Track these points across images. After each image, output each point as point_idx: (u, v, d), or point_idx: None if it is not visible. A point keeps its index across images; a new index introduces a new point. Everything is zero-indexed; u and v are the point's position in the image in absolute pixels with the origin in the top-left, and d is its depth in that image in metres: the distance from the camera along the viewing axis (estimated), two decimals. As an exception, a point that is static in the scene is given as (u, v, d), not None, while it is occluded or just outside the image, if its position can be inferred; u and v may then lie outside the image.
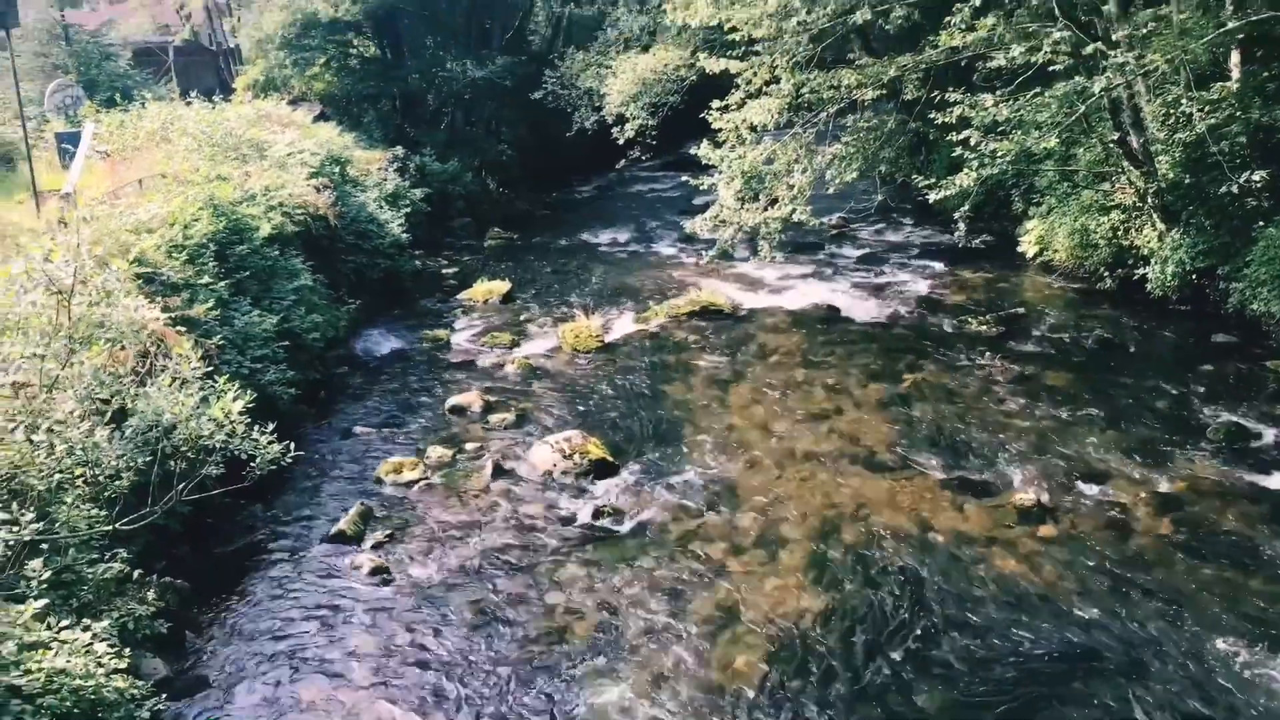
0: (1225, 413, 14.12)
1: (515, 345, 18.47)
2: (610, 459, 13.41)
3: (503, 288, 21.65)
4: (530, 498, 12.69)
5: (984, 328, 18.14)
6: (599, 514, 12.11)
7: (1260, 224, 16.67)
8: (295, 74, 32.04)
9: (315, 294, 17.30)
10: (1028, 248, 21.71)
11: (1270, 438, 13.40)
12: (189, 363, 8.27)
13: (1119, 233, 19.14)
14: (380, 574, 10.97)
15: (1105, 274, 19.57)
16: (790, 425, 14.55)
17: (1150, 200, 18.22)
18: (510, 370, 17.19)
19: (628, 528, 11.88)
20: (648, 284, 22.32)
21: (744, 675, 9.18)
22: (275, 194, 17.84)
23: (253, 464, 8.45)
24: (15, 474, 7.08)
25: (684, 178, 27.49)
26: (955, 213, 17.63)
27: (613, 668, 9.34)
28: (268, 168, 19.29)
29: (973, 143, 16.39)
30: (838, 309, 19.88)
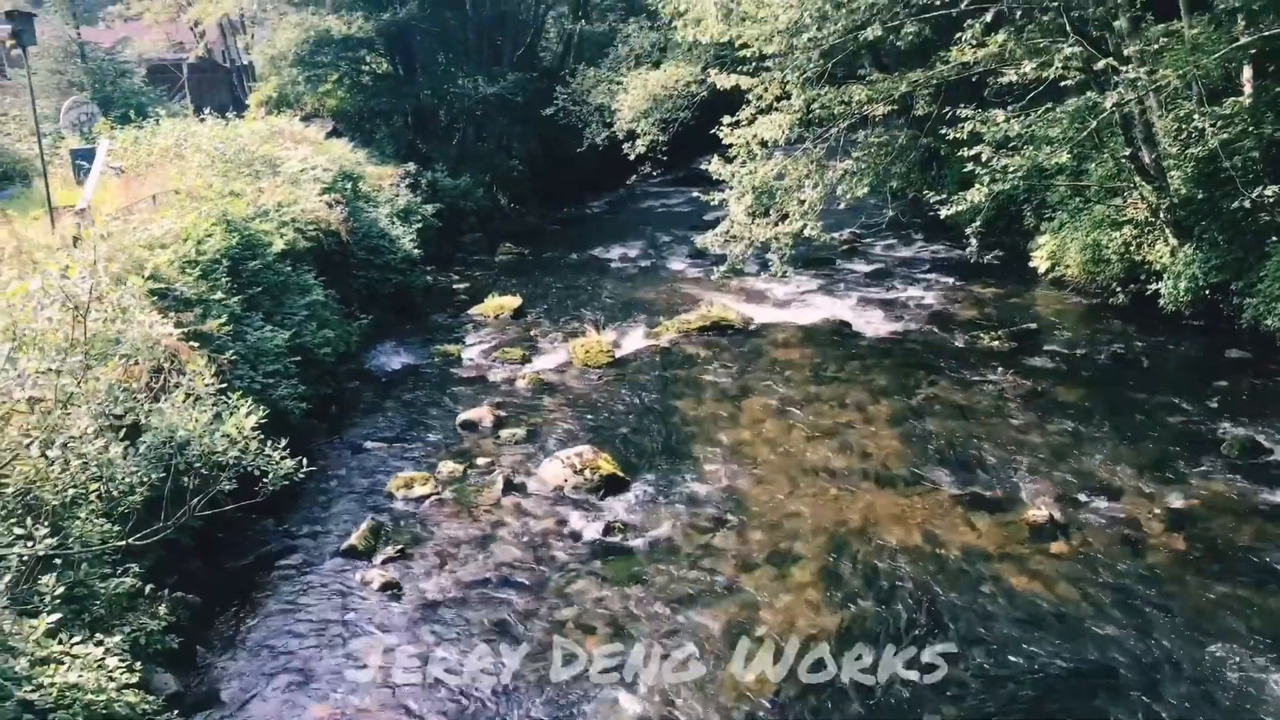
0: (1239, 428, 14.04)
1: (526, 360, 18.50)
2: (621, 474, 13.39)
3: (514, 303, 21.70)
4: (541, 513, 12.68)
5: (996, 343, 18.09)
6: (610, 530, 12.09)
7: (1273, 239, 16.62)
8: (308, 90, 32.30)
9: (327, 309, 17.38)
10: (1039, 263, 21.68)
11: (1285, 454, 13.33)
12: (203, 379, 8.30)
13: (1131, 248, 19.10)
14: (391, 589, 10.96)
15: (1117, 289, 19.51)
16: (801, 440, 14.52)
17: (1162, 215, 18.18)
18: (521, 385, 17.21)
19: (639, 543, 11.86)
20: (658, 299, 22.34)
21: (756, 692, 9.13)
22: (288, 210, 17.95)
23: (265, 480, 8.46)
24: (30, 489, 7.12)
25: (695, 193, 27.58)
26: (967, 228, 17.64)
27: (624, 684, 9.30)
28: (280, 184, 19.41)
29: (984, 158, 16.39)
30: (849, 324, 19.87)
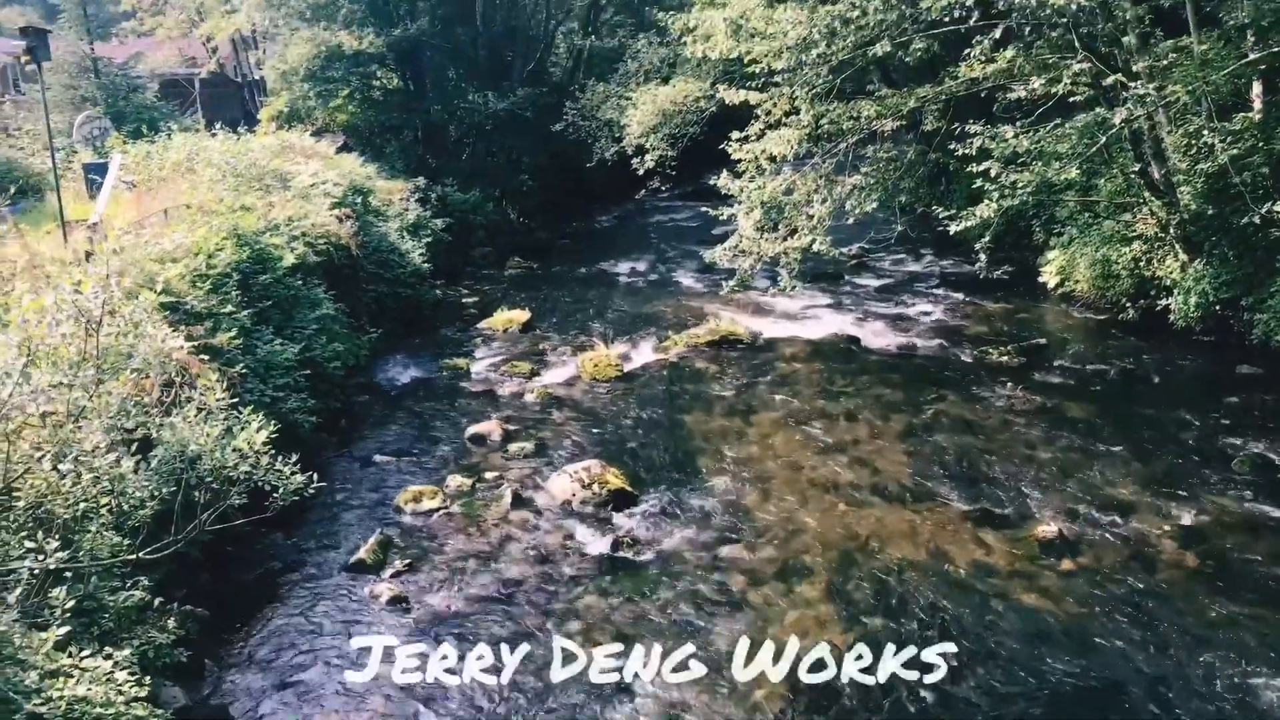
0: (1250, 444, 13.98)
1: (535, 374, 18.52)
2: (629, 489, 13.39)
3: (522, 317, 21.73)
4: (549, 528, 12.68)
5: (1005, 358, 18.06)
6: (618, 545, 12.08)
7: (1284, 255, 16.59)
8: (319, 105, 32.49)
9: (337, 323, 17.44)
10: (1049, 278, 21.66)
11: (1297, 470, 13.26)
12: (214, 394, 8.32)
13: (1141, 263, 19.07)
14: (399, 603, 10.97)
15: (1127, 305, 19.47)
16: (810, 456, 14.50)
17: (1172, 231, 18.16)
18: (530, 399, 17.23)
19: (647, 558, 11.84)
20: (667, 313, 22.37)
21: (765, 709, 9.09)
22: (298, 224, 18.04)
23: (275, 494, 8.48)
24: (42, 503, 7.14)
25: (703, 208, 27.62)
26: (976, 243, 17.62)
27: (632, 701, 9.28)
28: (291, 198, 19.51)
29: (993, 174, 16.40)
30: (858, 339, 19.86)
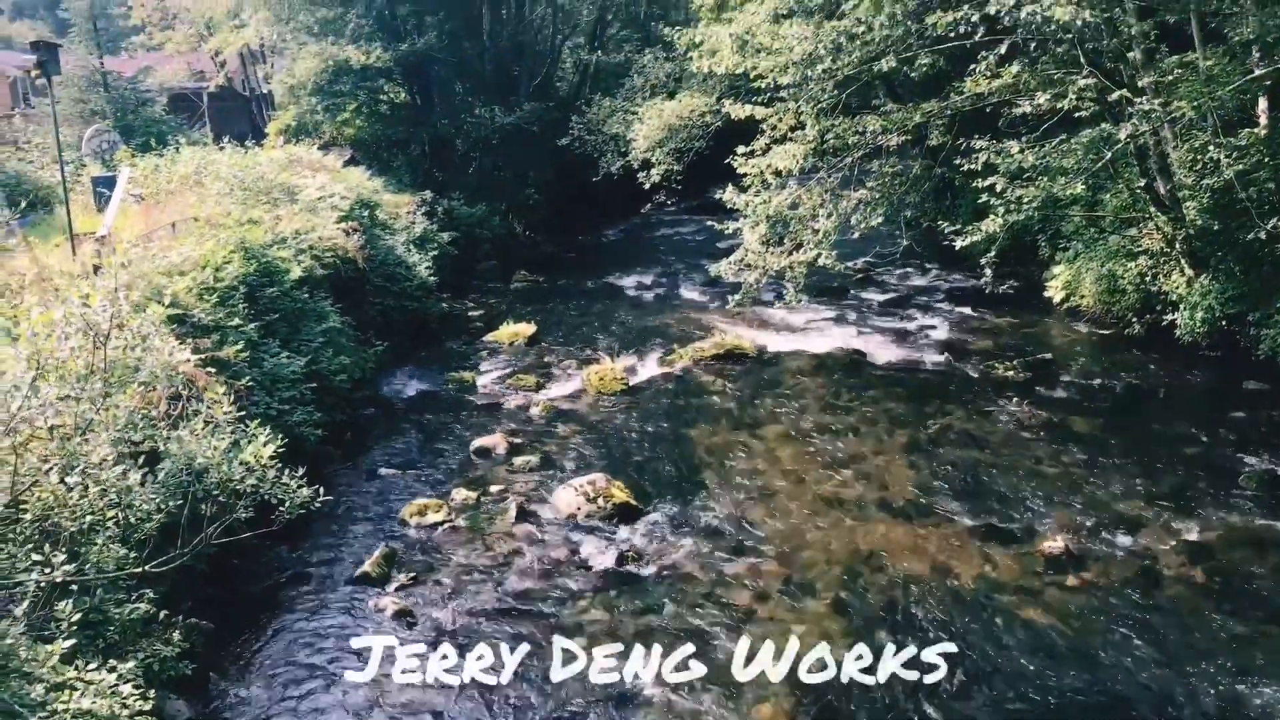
0: (1257, 460, 13.94)
1: (540, 387, 18.53)
2: (634, 503, 13.38)
3: (528, 330, 21.76)
4: (554, 541, 12.67)
5: (1011, 373, 18.04)
6: (623, 559, 12.06)
7: (1290, 270, 16.57)
8: (326, 119, 32.63)
9: (343, 336, 17.47)
10: (1054, 293, 21.64)
11: (1304, 486, 13.21)
12: (221, 407, 8.35)
13: (1147, 278, 19.05)
14: (404, 617, 10.95)
15: (1133, 320, 19.44)
16: (816, 470, 14.48)
17: (1178, 246, 18.15)
18: (535, 412, 17.24)
19: (651, 572, 11.82)
20: (672, 327, 22.39)
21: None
22: (305, 237, 18.10)
23: (282, 508, 8.49)
24: (49, 515, 7.16)
25: (709, 222, 27.51)
26: (981, 258, 17.63)
27: (637, 716, 9.25)
28: (298, 211, 19.58)
29: (998, 189, 16.42)
30: (863, 353, 19.86)
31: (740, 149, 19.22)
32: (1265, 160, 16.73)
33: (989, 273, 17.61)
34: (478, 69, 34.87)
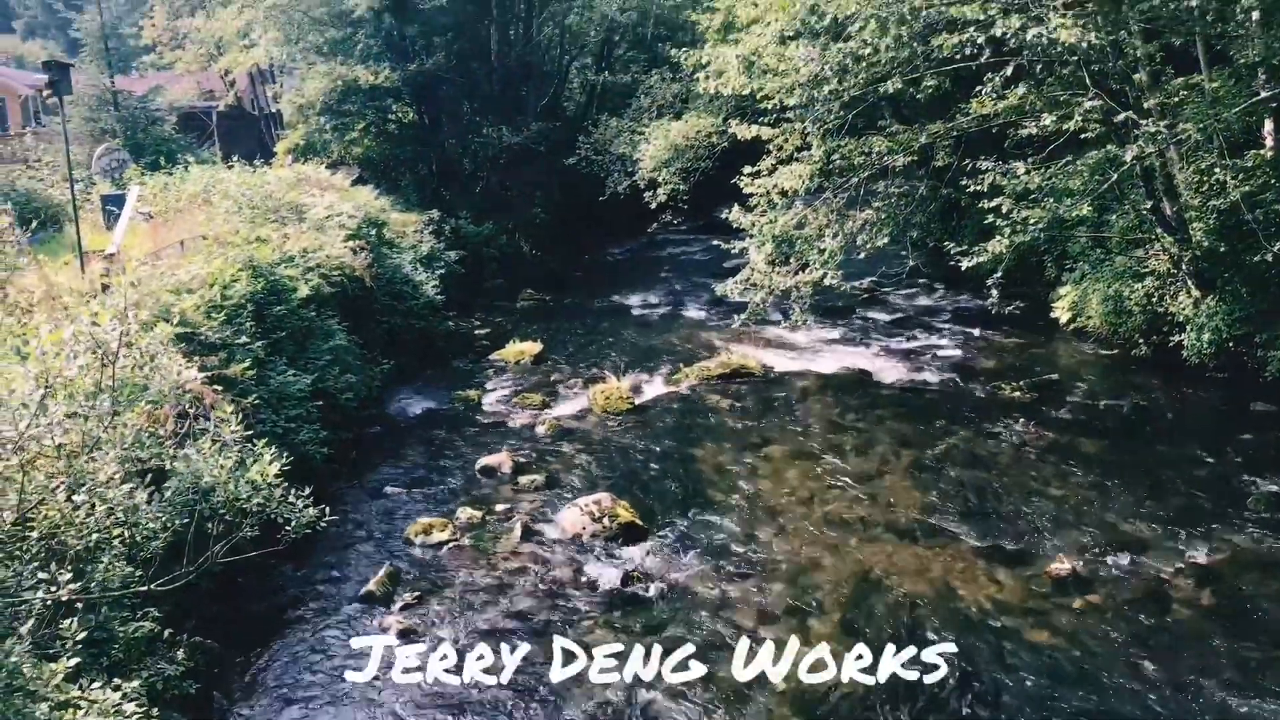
0: (1265, 482, 13.88)
1: (546, 406, 18.54)
2: (639, 523, 13.36)
3: (534, 349, 21.79)
4: (559, 561, 12.65)
5: (1017, 394, 18.01)
6: (628, 579, 12.02)
7: (1297, 291, 16.55)
8: (335, 139, 32.82)
9: (350, 354, 17.51)
10: (1061, 314, 21.62)
11: (1313, 509, 13.15)
12: (229, 425, 8.37)
13: (1153, 299, 19.01)
14: (408, 636, 10.93)
15: (1140, 341, 19.40)
16: (821, 490, 14.46)
17: (1185, 267, 18.14)
18: (541, 431, 17.24)
19: (657, 593, 11.79)
20: (678, 346, 22.40)
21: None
22: (313, 256, 18.17)
23: (288, 527, 8.49)
24: (55, 533, 7.17)
25: (715, 241, 27.72)
26: (987, 278, 17.61)
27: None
28: (306, 230, 19.67)
29: (1005, 210, 16.45)
30: (869, 373, 19.85)
31: (746, 169, 19.26)
32: (1271, 182, 16.74)
33: (995, 293, 17.59)
34: (486, 89, 35.06)
